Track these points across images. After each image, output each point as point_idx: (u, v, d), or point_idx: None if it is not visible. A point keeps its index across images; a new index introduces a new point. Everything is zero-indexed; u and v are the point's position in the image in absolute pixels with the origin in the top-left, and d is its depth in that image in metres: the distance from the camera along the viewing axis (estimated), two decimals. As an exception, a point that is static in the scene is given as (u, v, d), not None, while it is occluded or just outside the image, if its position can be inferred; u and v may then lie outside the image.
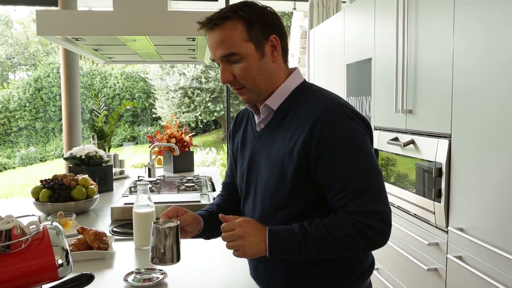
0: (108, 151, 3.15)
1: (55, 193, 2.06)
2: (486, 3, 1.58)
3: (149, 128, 11.22)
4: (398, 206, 2.24)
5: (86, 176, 2.19)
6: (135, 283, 1.25)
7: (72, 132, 4.48)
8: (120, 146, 10.95)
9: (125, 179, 3.11)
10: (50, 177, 2.16)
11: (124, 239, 1.69)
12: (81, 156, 2.56)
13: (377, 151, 2.44)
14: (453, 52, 1.77)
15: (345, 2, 4.73)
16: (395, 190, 2.25)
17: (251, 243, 1.03)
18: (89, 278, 0.99)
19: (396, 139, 2.22)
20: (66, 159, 2.66)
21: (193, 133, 3.70)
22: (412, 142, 2.07)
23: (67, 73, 4.44)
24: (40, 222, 0.92)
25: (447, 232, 1.82)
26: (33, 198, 2.10)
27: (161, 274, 1.31)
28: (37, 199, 2.07)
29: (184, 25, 1.82)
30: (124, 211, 1.95)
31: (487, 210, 1.59)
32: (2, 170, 10.35)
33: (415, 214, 2.08)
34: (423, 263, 1.97)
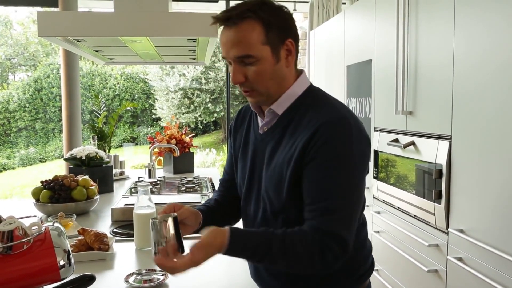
0: (108, 152, 3.15)
1: (55, 194, 2.06)
2: (486, 5, 1.59)
3: (149, 129, 11.22)
4: (398, 208, 2.25)
5: (86, 177, 2.19)
6: (136, 284, 1.25)
7: (72, 133, 4.48)
8: (120, 147, 10.95)
9: (125, 180, 3.11)
10: (51, 178, 2.16)
11: (125, 240, 1.69)
12: (81, 157, 2.56)
13: (377, 152, 2.45)
14: (453, 54, 1.78)
15: (345, 3, 4.73)
16: (395, 192, 2.25)
17: (204, 258, 0.99)
18: (90, 279, 0.99)
19: (396, 140, 2.23)
20: (66, 160, 2.66)
21: (193, 134, 3.70)
22: (413, 143, 2.07)
23: (67, 74, 4.44)
24: (42, 223, 0.93)
25: (447, 233, 1.82)
26: (33, 199, 2.10)
27: (162, 275, 1.31)
28: (37, 200, 2.07)
29: (185, 26, 1.82)
30: (125, 212, 1.95)
31: (487, 212, 1.59)
32: (1, 171, 10.34)
33: (415, 216, 2.08)
34: (423, 264, 1.97)
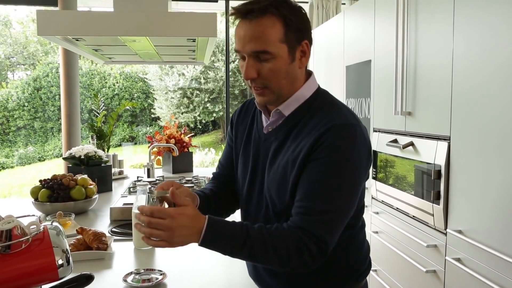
0: (107, 151, 3.15)
1: (54, 193, 2.06)
2: (486, 6, 1.59)
3: (148, 128, 11.22)
4: (397, 208, 2.25)
5: (85, 176, 2.19)
6: (134, 284, 1.25)
7: (71, 132, 4.48)
8: (119, 146, 10.95)
9: (124, 180, 3.11)
10: (49, 177, 2.16)
11: (123, 239, 1.69)
12: (80, 156, 2.56)
13: (376, 153, 2.45)
14: (452, 55, 1.78)
15: (344, 4, 4.74)
16: (394, 192, 2.25)
17: (181, 236, 0.97)
18: (88, 278, 0.99)
19: (395, 141, 2.23)
20: (65, 159, 2.66)
21: (192, 133, 3.70)
22: (411, 144, 2.07)
23: (66, 73, 4.44)
24: (40, 222, 0.93)
25: (445, 234, 1.82)
26: (32, 198, 2.10)
27: (160, 274, 1.31)
28: (36, 199, 2.07)
29: (184, 26, 1.82)
30: (123, 211, 1.95)
31: (486, 212, 1.59)
32: (0, 170, 10.33)
33: (414, 216, 2.08)
34: (421, 265, 1.98)
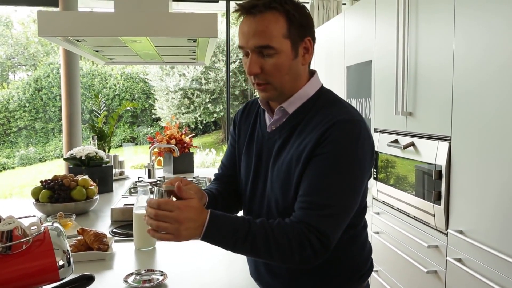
0: (108, 152, 3.15)
1: (55, 193, 2.06)
2: (486, 6, 1.59)
3: (149, 129, 11.22)
4: (398, 208, 2.25)
5: (86, 177, 2.19)
6: (135, 285, 1.25)
7: (72, 133, 4.48)
8: (120, 146, 10.95)
9: (125, 180, 3.11)
10: (50, 178, 2.16)
11: (124, 240, 1.69)
12: (81, 157, 2.56)
13: (377, 153, 2.45)
14: (453, 55, 1.78)
15: (345, 4, 4.74)
16: (394, 192, 2.25)
17: (187, 228, 0.96)
18: (89, 279, 0.99)
19: (396, 141, 2.23)
20: (66, 159, 2.66)
21: (193, 134, 3.70)
22: (412, 144, 2.07)
23: (67, 74, 4.45)
24: (41, 223, 0.93)
25: (446, 234, 1.82)
26: (33, 198, 2.10)
27: (161, 275, 1.31)
28: (37, 200, 2.07)
29: (185, 26, 1.82)
30: (124, 212, 1.95)
31: (487, 213, 1.59)
32: (1, 170, 10.34)
33: (414, 217, 2.08)
34: (422, 265, 1.97)
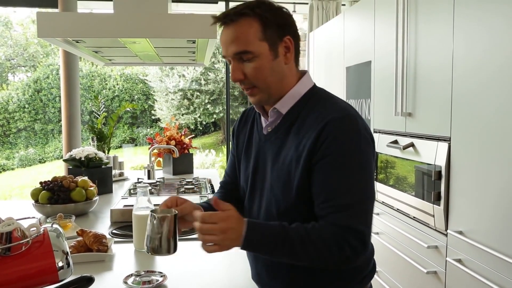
0: (108, 153, 3.15)
1: (54, 195, 2.06)
2: (486, 6, 1.59)
3: (148, 129, 11.22)
4: (398, 209, 2.25)
5: (85, 178, 2.19)
6: (134, 286, 1.25)
7: (72, 134, 4.47)
8: (120, 147, 10.95)
9: (124, 181, 3.11)
10: (50, 179, 2.16)
11: (124, 241, 1.69)
12: (80, 158, 2.56)
13: (376, 153, 2.45)
14: (452, 55, 1.78)
15: (344, 5, 4.74)
16: (394, 193, 2.25)
17: (230, 239, 0.99)
18: (88, 281, 0.99)
19: (395, 142, 2.23)
20: (65, 160, 2.66)
21: (193, 135, 3.70)
22: (412, 145, 2.07)
23: (66, 75, 4.44)
24: (41, 224, 0.93)
25: (446, 235, 1.82)
26: (32, 199, 2.10)
27: (160, 276, 1.31)
28: (36, 201, 2.07)
29: (185, 27, 1.82)
30: (124, 213, 1.95)
31: (486, 213, 1.59)
32: (1, 172, 10.33)
33: (414, 217, 2.08)
34: (422, 266, 1.97)
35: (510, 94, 1.46)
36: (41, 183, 2.14)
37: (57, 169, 9.51)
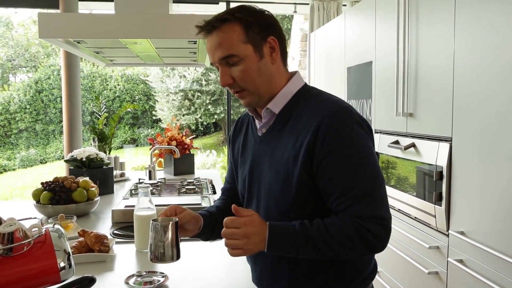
0: (109, 153, 3.15)
1: (56, 195, 2.06)
2: (486, 7, 1.59)
3: (150, 130, 11.23)
4: (399, 209, 2.24)
5: (87, 178, 2.19)
6: (136, 286, 1.25)
7: (73, 134, 4.48)
8: (121, 148, 10.95)
9: (125, 182, 3.11)
10: (51, 180, 2.16)
11: (125, 241, 1.69)
12: (81, 159, 2.56)
13: (377, 154, 2.45)
14: (453, 56, 1.78)
15: (345, 5, 4.74)
16: (395, 193, 2.25)
17: (254, 243, 1.01)
18: (90, 281, 0.98)
19: (396, 142, 2.23)
20: (67, 161, 2.66)
21: (194, 135, 3.70)
22: (413, 145, 2.07)
23: (67, 75, 4.44)
24: (42, 225, 0.93)
25: (448, 235, 1.82)
26: (33, 200, 2.10)
27: (162, 277, 1.31)
28: (38, 202, 2.07)
29: (185, 28, 1.82)
30: (125, 213, 1.95)
31: (488, 214, 1.59)
32: (2, 172, 10.34)
33: (415, 218, 2.08)
34: (424, 266, 1.97)
35: (511, 94, 1.46)
36: (42, 183, 2.14)
37: (58, 169, 9.52)
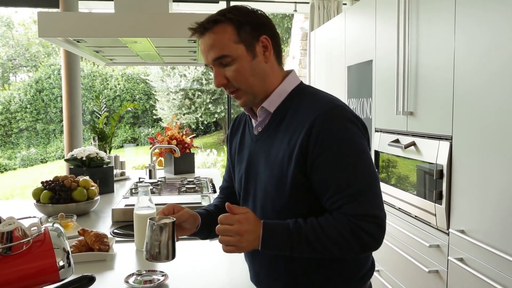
0: (109, 152, 3.15)
1: (56, 194, 2.06)
2: (487, 6, 1.58)
3: (150, 129, 11.23)
4: (399, 208, 2.24)
5: (87, 177, 2.19)
6: (136, 285, 1.25)
7: (73, 134, 4.48)
8: (121, 147, 10.96)
9: (126, 181, 3.11)
10: (51, 179, 2.16)
11: (125, 240, 1.69)
12: (82, 158, 2.56)
13: (378, 153, 2.44)
14: (454, 54, 1.77)
15: (346, 4, 4.73)
16: (396, 192, 2.25)
17: (247, 241, 1.02)
18: (90, 280, 0.98)
19: (397, 141, 2.22)
20: (67, 160, 2.66)
21: (194, 134, 3.70)
22: (413, 144, 2.07)
23: (68, 75, 4.44)
24: (41, 224, 0.93)
25: (448, 234, 1.82)
26: (34, 199, 2.10)
27: (162, 276, 1.31)
28: (38, 201, 2.07)
29: (185, 27, 1.80)
30: (125, 212, 1.95)
31: (488, 212, 1.58)
32: (2, 171, 10.35)
33: (416, 216, 2.08)
34: (424, 265, 1.97)
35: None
36: (42, 182, 2.14)
37: (58, 169, 9.53)
